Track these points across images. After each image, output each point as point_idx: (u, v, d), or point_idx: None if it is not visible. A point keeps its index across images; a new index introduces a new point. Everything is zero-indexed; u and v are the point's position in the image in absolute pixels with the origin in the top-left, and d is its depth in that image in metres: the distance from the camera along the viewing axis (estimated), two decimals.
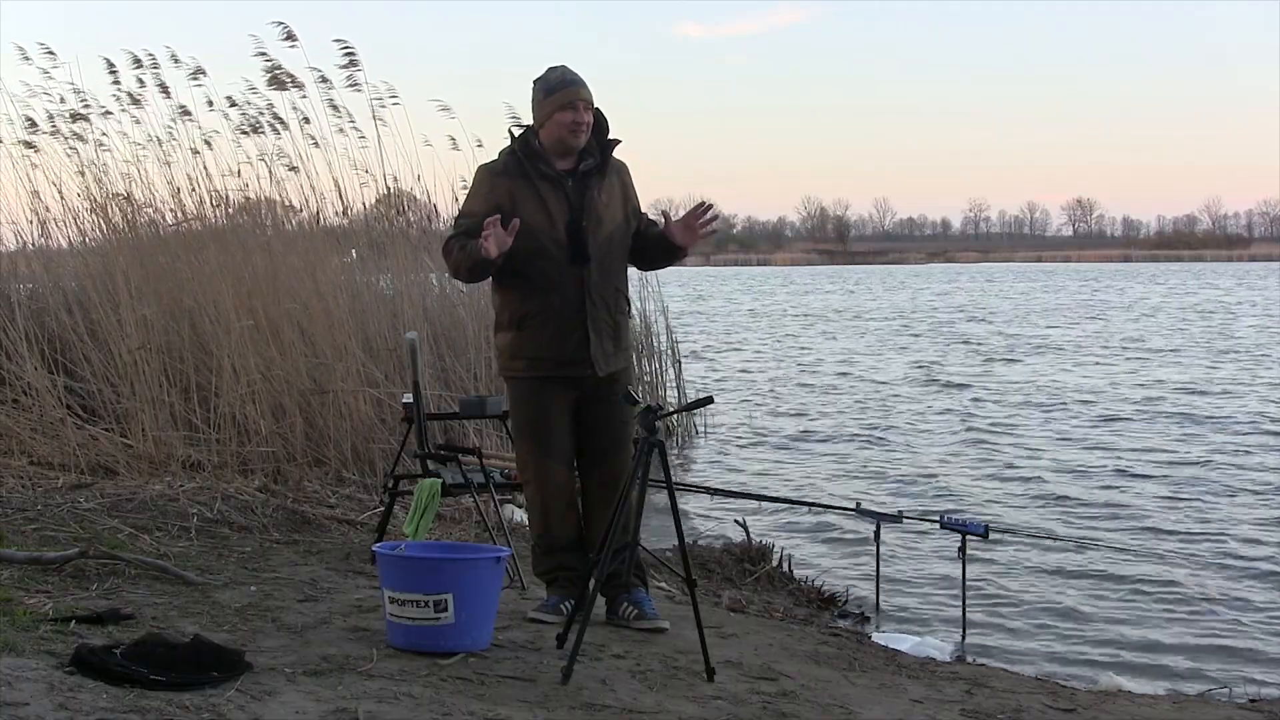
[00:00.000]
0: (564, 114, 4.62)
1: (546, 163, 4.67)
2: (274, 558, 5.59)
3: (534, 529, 4.93)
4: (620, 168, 4.81)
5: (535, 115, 4.72)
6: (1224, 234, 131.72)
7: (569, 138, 4.64)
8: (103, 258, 8.89)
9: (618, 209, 4.74)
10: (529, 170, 4.66)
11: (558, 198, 4.64)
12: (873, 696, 4.25)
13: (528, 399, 4.75)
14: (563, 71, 4.71)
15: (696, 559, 6.10)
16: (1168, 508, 9.17)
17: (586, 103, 4.65)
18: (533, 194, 4.64)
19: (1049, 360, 21.20)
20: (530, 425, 4.77)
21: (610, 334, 4.71)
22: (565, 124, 4.62)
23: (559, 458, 4.73)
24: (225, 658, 3.72)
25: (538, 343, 4.68)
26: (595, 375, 4.65)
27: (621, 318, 4.78)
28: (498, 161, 4.76)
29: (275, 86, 8.63)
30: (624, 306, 4.80)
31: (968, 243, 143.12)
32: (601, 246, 4.65)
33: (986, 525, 6.25)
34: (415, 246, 9.82)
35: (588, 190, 4.66)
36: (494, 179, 4.71)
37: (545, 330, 4.66)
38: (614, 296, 4.74)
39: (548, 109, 4.66)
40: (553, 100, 4.65)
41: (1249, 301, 40.31)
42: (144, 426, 7.72)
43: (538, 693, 3.84)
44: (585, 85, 4.68)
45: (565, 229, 4.62)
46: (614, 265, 4.74)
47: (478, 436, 8.26)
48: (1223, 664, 5.82)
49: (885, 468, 11.13)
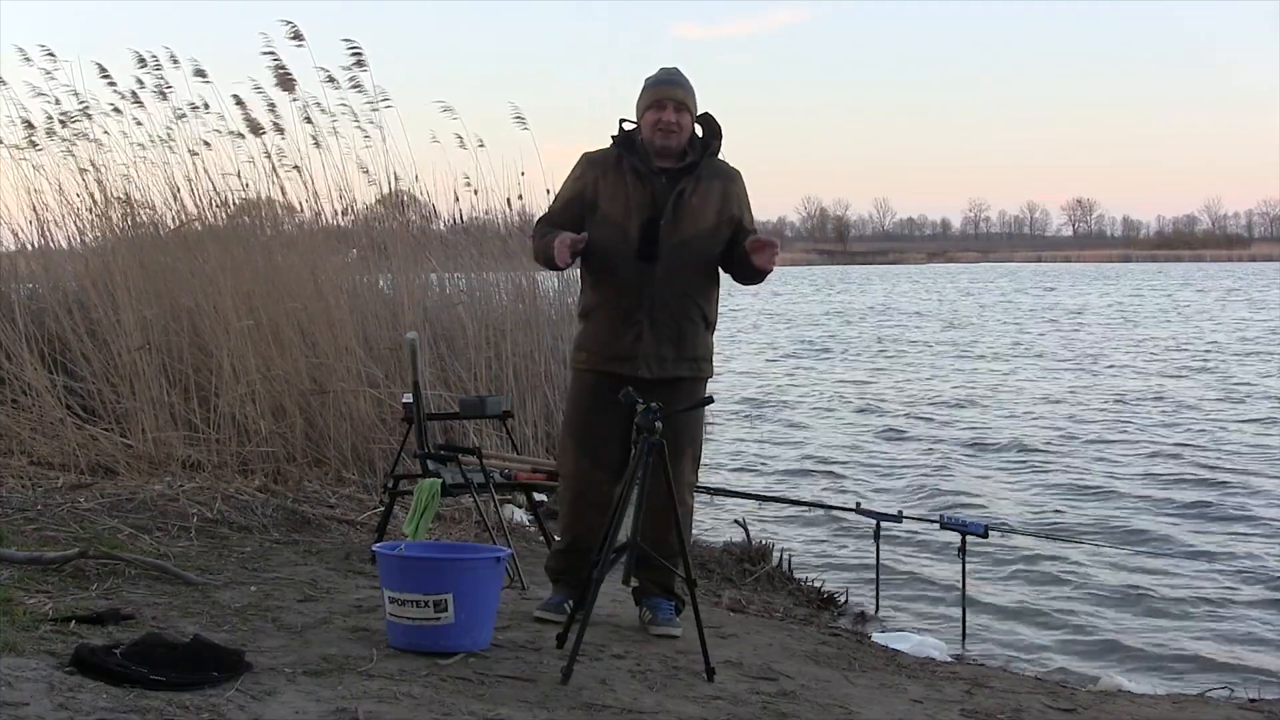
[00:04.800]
0: (652, 113, 4.63)
1: (643, 159, 4.64)
2: (274, 558, 5.59)
3: (560, 525, 4.93)
4: (730, 175, 4.74)
5: (636, 113, 4.72)
6: (1224, 234, 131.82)
7: (657, 137, 4.61)
8: (103, 258, 8.88)
9: (710, 214, 4.64)
10: (624, 163, 4.65)
11: (642, 193, 4.60)
12: (873, 696, 4.26)
13: (581, 396, 4.74)
14: (664, 72, 4.71)
15: (696, 559, 6.10)
16: (1168, 507, 9.19)
17: (677, 103, 4.62)
18: (618, 187, 4.63)
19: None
20: (575, 423, 4.76)
21: (671, 338, 4.60)
22: (652, 122, 4.62)
23: (598, 462, 4.66)
24: (225, 658, 3.72)
25: (596, 335, 4.67)
26: (644, 378, 4.52)
27: (688, 324, 4.63)
28: (599, 151, 4.76)
29: (281, 87, 8.60)
30: (694, 314, 4.65)
31: (968, 243, 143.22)
32: (676, 247, 4.57)
33: (986, 525, 6.26)
34: (415, 246, 9.81)
35: (676, 189, 4.61)
36: (587, 166, 4.73)
37: (605, 324, 4.64)
38: (681, 300, 4.61)
39: (640, 106, 4.68)
40: (645, 98, 4.67)
41: (1170, 305, 39.56)
42: (144, 426, 7.72)
43: (538, 693, 3.84)
44: (682, 86, 4.65)
45: (641, 225, 4.58)
46: (688, 269, 4.61)
47: (478, 436, 8.25)
48: (1223, 664, 5.82)
49: (886, 468, 11.13)
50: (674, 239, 4.57)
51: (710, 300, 4.73)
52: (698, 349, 4.68)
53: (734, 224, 4.69)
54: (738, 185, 4.74)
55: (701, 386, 4.76)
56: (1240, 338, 25.77)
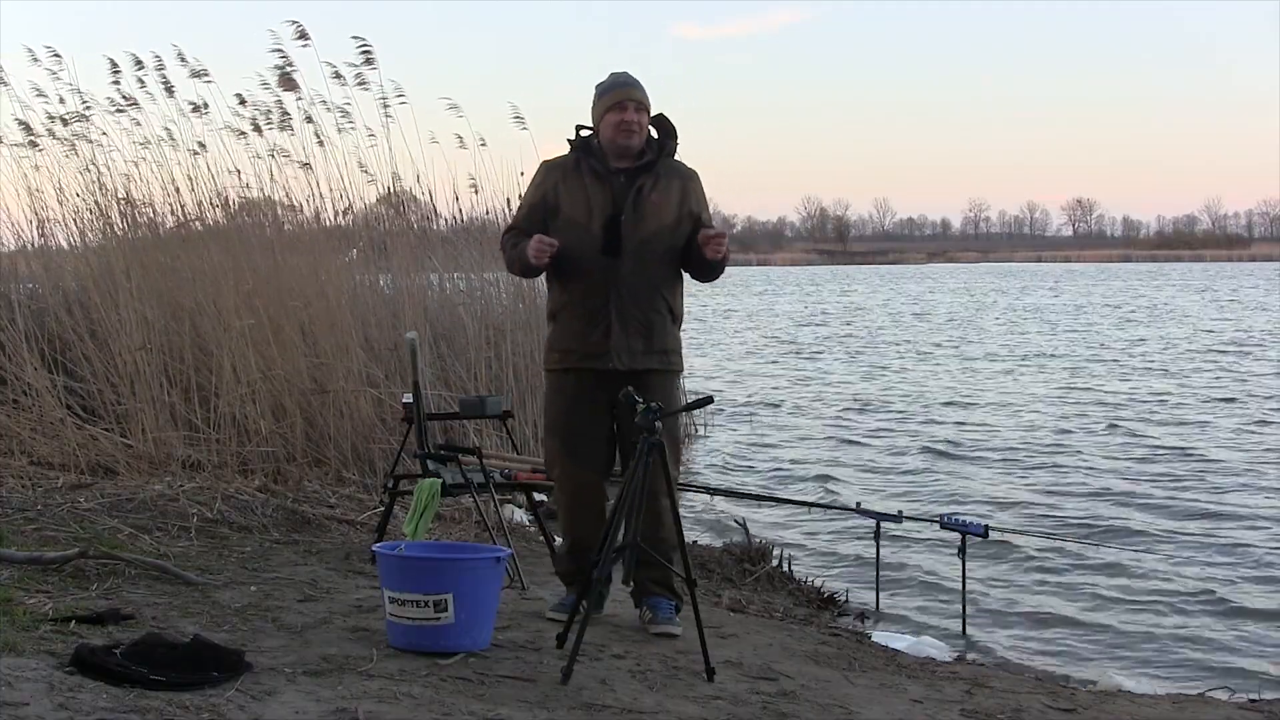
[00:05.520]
0: (613, 114, 4.71)
1: (600, 161, 4.73)
2: (274, 558, 5.59)
3: (561, 527, 5.03)
4: (687, 174, 4.83)
5: (592, 117, 4.80)
6: (1224, 234, 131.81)
7: (619, 137, 4.70)
8: (103, 257, 8.88)
9: (670, 210, 4.73)
10: (582, 167, 4.74)
11: (603, 194, 4.70)
12: (873, 696, 4.26)
13: (558, 396, 4.83)
14: (618, 75, 4.80)
15: (696, 559, 6.10)
16: (1168, 507, 9.19)
17: (637, 104, 4.71)
18: (579, 189, 4.72)
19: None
20: (557, 424, 4.84)
21: (640, 332, 4.69)
22: (614, 124, 4.70)
23: (584, 460, 4.76)
24: (225, 658, 3.72)
25: (567, 334, 4.75)
26: (617, 370, 4.63)
27: (656, 316, 4.73)
28: (557, 157, 4.85)
29: (285, 86, 8.59)
30: (661, 307, 4.75)
31: (968, 243, 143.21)
32: (639, 243, 4.66)
33: (986, 525, 6.25)
34: (416, 246, 9.81)
35: (635, 186, 4.69)
36: (547, 172, 4.83)
37: (574, 322, 4.72)
38: (649, 294, 4.71)
39: (599, 110, 4.76)
40: (604, 101, 4.74)
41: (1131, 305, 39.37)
42: (144, 426, 7.72)
43: (538, 693, 3.85)
44: (638, 87, 4.75)
45: (603, 223, 4.66)
46: (653, 264, 4.71)
47: (478, 436, 8.26)
48: (1223, 664, 5.81)
49: (886, 468, 11.13)
50: (637, 235, 4.67)
51: (676, 294, 4.83)
52: (666, 342, 4.78)
53: (694, 220, 4.78)
54: (696, 184, 4.84)
55: (672, 379, 4.86)
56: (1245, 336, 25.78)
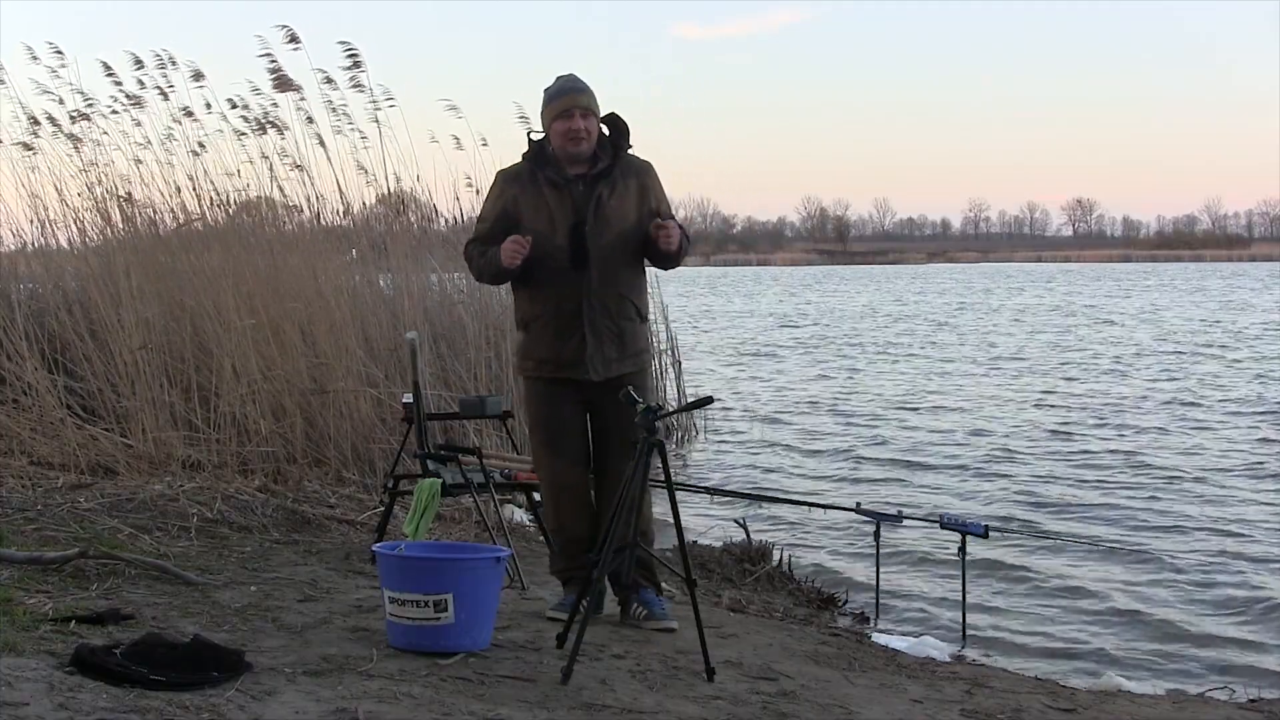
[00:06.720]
0: (560, 123, 4.65)
1: (555, 169, 4.68)
2: (274, 558, 5.59)
3: (549, 526, 5.06)
4: (641, 169, 4.78)
5: (542, 123, 4.76)
6: (1224, 234, 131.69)
7: (569, 145, 4.65)
8: (103, 258, 8.88)
9: (630, 211, 4.71)
10: (538, 176, 4.69)
11: (562, 203, 4.66)
12: (873, 696, 4.26)
13: (537, 398, 4.84)
14: (564, 80, 4.72)
15: (696, 559, 6.10)
16: (1168, 507, 9.19)
17: (584, 110, 4.65)
18: (538, 200, 4.68)
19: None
20: (540, 424, 4.86)
21: (613, 340, 4.69)
22: (562, 132, 4.65)
23: (569, 456, 4.79)
24: (225, 658, 3.72)
25: (540, 345, 4.74)
26: (593, 381, 4.66)
27: (627, 323, 4.74)
28: (513, 167, 4.81)
29: (279, 88, 8.61)
30: (630, 312, 4.75)
31: (968, 243, 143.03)
32: (604, 250, 4.65)
33: (986, 525, 6.25)
34: (415, 246, 9.81)
35: (595, 194, 4.65)
36: (505, 184, 4.78)
37: (546, 333, 4.72)
38: (617, 301, 4.70)
39: (547, 118, 4.71)
40: (551, 109, 4.69)
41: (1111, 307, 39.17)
42: (144, 426, 7.73)
43: (538, 693, 3.85)
44: (585, 93, 4.67)
45: (568, 234, 4.63)
46: (619, 269, 4.71)
47: (478, 436, 8.26)
48: (1223, 664, 5.82)
49: (886, 467, 11.13)
50: (601, 243, 4.65)
51: (642, 295, 4.87)
52: (638, 343, 4.82)
53: (654, 216, 4.76)
54: (652, 178, 4.80)
55: (646, 377, 4.91)
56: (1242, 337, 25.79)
